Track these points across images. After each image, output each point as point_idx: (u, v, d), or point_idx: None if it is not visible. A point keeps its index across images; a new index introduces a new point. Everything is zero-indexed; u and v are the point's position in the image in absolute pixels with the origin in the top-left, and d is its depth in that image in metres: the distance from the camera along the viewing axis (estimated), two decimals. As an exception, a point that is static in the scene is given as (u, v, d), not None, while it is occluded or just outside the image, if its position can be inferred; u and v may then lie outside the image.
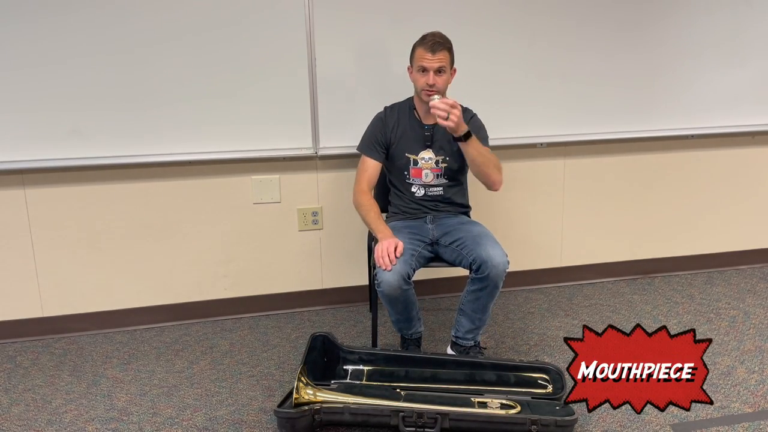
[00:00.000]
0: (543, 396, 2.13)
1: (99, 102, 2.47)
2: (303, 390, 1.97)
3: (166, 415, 2.15)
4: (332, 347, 2.27)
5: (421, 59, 2.23)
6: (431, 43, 2.22)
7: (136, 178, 2.63)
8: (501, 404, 2.02)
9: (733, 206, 3.27)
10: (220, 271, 2.80)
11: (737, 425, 2.05)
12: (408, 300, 2.21)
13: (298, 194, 2.79)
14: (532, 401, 2.09)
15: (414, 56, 2.28)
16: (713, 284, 3.15)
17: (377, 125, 2.40)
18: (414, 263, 2.20)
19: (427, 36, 2.26)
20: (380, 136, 2.37)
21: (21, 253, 2.60)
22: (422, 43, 2.25)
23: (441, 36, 2.27)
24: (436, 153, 2.36)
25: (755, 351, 2.51)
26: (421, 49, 2.24)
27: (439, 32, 2.28)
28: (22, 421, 2.12)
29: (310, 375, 2.07)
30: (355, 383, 2.18)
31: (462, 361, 2.25)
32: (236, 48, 2.53)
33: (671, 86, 2.96)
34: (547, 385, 2.16)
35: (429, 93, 2.23)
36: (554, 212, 3.09)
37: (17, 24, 2.34)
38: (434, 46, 2.21)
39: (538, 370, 2.20)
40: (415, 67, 2.28)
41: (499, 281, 2.17)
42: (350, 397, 2.00)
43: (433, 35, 2.25)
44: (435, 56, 2.22)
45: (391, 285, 2.10)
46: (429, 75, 2.23)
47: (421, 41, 2.27)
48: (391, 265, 2.11)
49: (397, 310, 2.24)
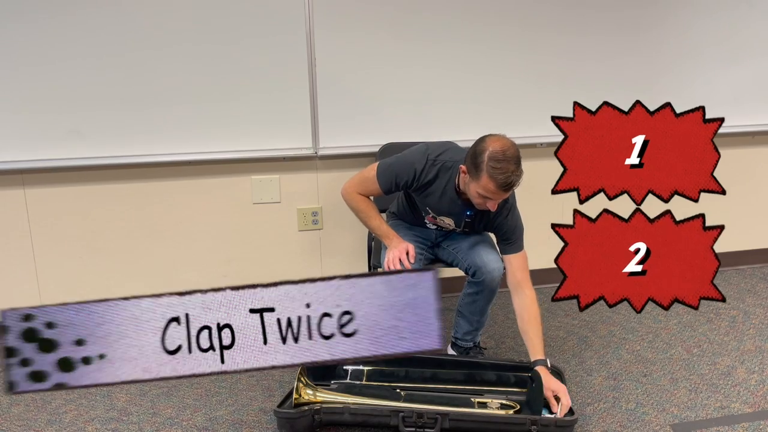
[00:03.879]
0: None
1: (99, 102, 2.47)
2: (303, 390, 1.97)
3: (166, 415, 2.15)
4: None
5: (490, 193, 1.92)
6: (506, 183, 1.88)
7: (136, 178, 2.63)
8: (501, 404, 2.02)
9: (733, 206, 3.27)
10: (220, 271, 2.80)
11: (737, 425, 2.05)
12: None
13: (298, 194, 2.79)
14: None
15: (479, 180, 1.90)
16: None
17: (409, 173, 2.08)
18: (419, 265, 2.20)
19: (500, 170, 1.86)
20: (405, 182, 2.10)
21: (21, 253, 2.60)
22: (493, 177, 1.87)
23: (517, 164, 1.88)
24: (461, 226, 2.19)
25: (755, 351, 2.51)
26: (492, 184, 1.88)
27: (514, 156, 1.88)
28: (22, 421, 2.12)
29: (309, 375, 2.07)
30: (355, 383, 2.18)
31: (462, 362, 2.25)
32: (236, 48, 2.53)
33: (671, 86, 2.96)
34: None
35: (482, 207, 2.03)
36: (554, 212, 3.08)
37: (17, 24, 2.34)
38: (509, 184, 1.89)
39: None
40: (475, 187, 1.94)
41: (494, 287, 2.18)
42: (350, 398, 2.00)
43: (509, 169, 1.86)
44: (505, 193, 1.94)
45: None
46: (492, 203, 1.97)
47: (491, 174, 1.87)
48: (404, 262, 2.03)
49: None
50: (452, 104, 2.74)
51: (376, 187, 2.14)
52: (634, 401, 2.19)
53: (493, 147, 1.88)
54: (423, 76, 2.70)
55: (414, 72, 2.68)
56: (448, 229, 2.27)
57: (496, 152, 1.87)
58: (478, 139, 1.95)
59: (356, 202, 2.18)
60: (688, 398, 2.21)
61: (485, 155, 1.88)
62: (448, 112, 2.76)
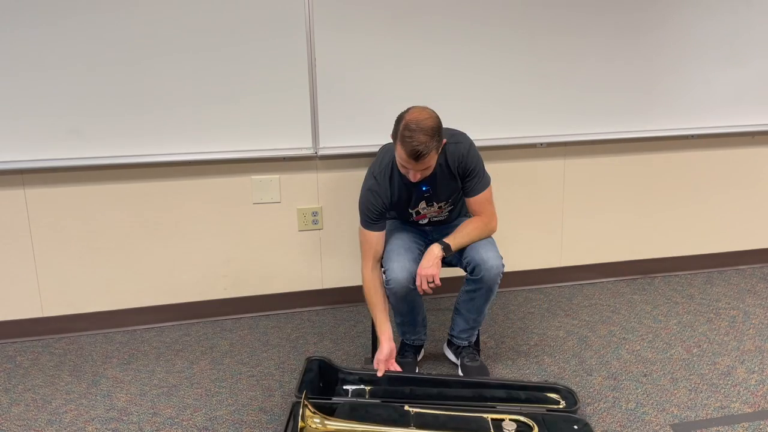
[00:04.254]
0: (557, 411, 2.03)
1: (99, 102, 2.47)
2: (310, 419, 1.83)
3: (166, 415, 2.15)
4: (329, 370, 2.18)
5: (404, 161, 1.99)
6: (413, 152, 1.93)
7: (136, 178, 2.63)
8: (516, 425, 1.92)
9: (733, 206, 3.27)
10: (220, 271, 2.80)
11: (737, 425, 2.05)
12: (414, 302, 2.22)
13: (298, 194, 2.79)
14: (546, 415, 2.00)
15: (396, 147, 1.99)
16: (713, 284, 3.15)
17: (372, 199, 2.16)
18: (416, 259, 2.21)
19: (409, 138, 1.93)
20: (377, 208, 2.16)
21: (21, 253, 2.60)
22: (403, 144, 1.94)
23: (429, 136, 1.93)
24: (437, 201, 2.24)
25: (755, 351, 2.51)
26: (403, 152, 1.96)
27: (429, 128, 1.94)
28: (22, 421, 2.12)
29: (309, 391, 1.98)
30: (360, 401, 2.05)
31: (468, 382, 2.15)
32: (236, 48, 2.52)
33: (671, 86, 2.96)
34: (559, 401, 2.08)
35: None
36: (554, 212, 3.09)
37: (18, 24, 2.34)
38: (417, 154, 1.93)
39: (548, 389, 2.13)
40: (397, 157, 2.02)
41: (493, 284, 2.17)
42: (359, 425, 1.88)
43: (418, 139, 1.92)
44: (418, 163, 1.97)
45: (401, 283, 2.12)
46: (412, 173, 2.02)
47: (402, 141, 1.94)
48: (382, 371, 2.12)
49: (402, 311, 2.24)
50: (452, 104, 2.74)
51: (367, 234, 2.19)
52: (634, 401, 2.19)
53: (410, 117, 1.96)
54: (423, 76, 2.71)
55: (414, 72, 2.68)
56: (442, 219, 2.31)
57: (410, 122, 1.94)
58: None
59: (366, 292, 2.22)
60: (688, 398, 2.21)
61: (401, 124, 1.96)
62: (449, 112, 2.75)
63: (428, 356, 2.50)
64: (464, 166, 2.15)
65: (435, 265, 2.10)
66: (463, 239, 2.18)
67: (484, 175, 2.21)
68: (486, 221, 2.22)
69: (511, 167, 2.93)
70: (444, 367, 2.43)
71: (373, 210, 2.17)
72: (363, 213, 2.19)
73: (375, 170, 2.19)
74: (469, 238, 2.19)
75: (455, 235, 2.18)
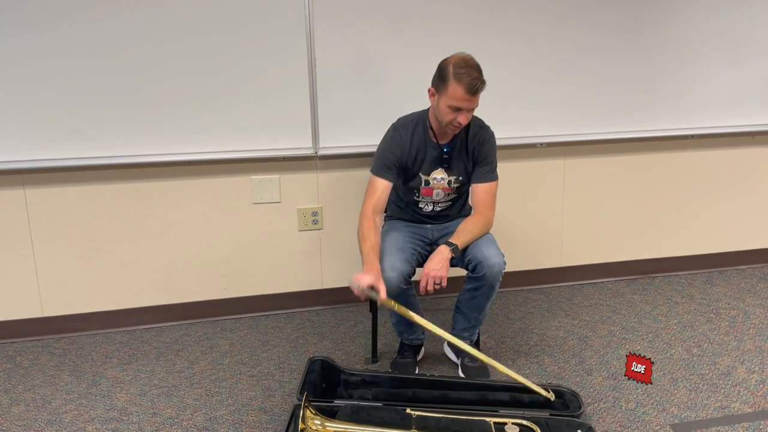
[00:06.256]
0: (561, 414, 2.01)
1: (99, 102, 2.47)
2: (310, 421, 1.81)
3: (166, 415, 2.15)
4: (331, 370, 2.16)
5: (458, 100, 2.03)
6: (471, 86, 2.01)
7: (136, 178, 2.63)
8: (519, 429, 1.91)
9: (733, 206, 3.27)
10: (220, 271, 2.80)
11: (737, 425, 2.05)
12: (408, 302, 2.20)
13: (298, 194, 2.79)
14: (550, 419, 1.97)
15: (446, 90, 2.05)
16: (713, 284, 3.15)
17: (390, 145, 2.22)
18: (414, 262, 2.21)
19: (465, 73, 2.01)
20: (394, 157, 2.21)
21: (21, 253, 2.60)
22: (459, 80, 2.01)
23: (479, 72, 2.04)
24: (450, 173, 2.25)
25: (755, 351, 2.51)
26: (459, 89, 2.02)
27: (476, 65, 2.05)
28: (22, 421, 2.12)
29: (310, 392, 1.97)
30: (363, 404, 2.04)
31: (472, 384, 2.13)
32: (236, 48, 2.52)
33: (671, 86, 2.96)
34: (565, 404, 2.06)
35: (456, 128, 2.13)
36: (554, 212, 3.09)
37: (18, 25, 2.34)
38: (475, 87, 2.02)
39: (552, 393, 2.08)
40: (445, 100, 2.06)
41: (495, 282, 2.16)
42: (359, 428, 1.86)
43: (473, 74, 2.02)
44: (474, 97, 2.05)
45: (391, 283, 2.09)
46: (462, 115, 2.07)
47: (458, 78, 2.02)
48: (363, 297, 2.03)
49: None
50: (452, 104, 2.74)
51: (376, 181, 2.21)
52: (634, 401, 2.19)
53: (456, 59, 2.07)
54: (423, 75, 2.69)
55: (414, 72, 2.68)
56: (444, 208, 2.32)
57: (459, 61, 2.06)
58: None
59: (360, 227, 2.19)
60: (688, 398, 2.21)
61: (450, 66, 2.05)
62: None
63: (428, 356, 2.50)
64: (481, 149, 2.23)
65: (444, 267, 2.10)
66: (466, 237, 2.19)
67: (496, 169, 2.28)
68: (484, 219, 2.24)
69: (511, 167, 2.93)
70: (444, 366, 2.43)
71: (388, 156, 2.21)
72: (377, 158, 2.24)
73: (398, 124, 2.27)
74: (472, 235, 2.20)
75: (458, 235, 2.18)
